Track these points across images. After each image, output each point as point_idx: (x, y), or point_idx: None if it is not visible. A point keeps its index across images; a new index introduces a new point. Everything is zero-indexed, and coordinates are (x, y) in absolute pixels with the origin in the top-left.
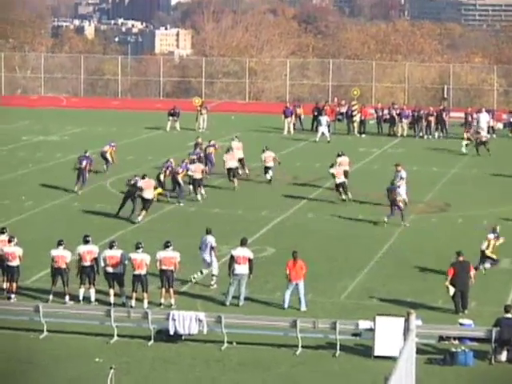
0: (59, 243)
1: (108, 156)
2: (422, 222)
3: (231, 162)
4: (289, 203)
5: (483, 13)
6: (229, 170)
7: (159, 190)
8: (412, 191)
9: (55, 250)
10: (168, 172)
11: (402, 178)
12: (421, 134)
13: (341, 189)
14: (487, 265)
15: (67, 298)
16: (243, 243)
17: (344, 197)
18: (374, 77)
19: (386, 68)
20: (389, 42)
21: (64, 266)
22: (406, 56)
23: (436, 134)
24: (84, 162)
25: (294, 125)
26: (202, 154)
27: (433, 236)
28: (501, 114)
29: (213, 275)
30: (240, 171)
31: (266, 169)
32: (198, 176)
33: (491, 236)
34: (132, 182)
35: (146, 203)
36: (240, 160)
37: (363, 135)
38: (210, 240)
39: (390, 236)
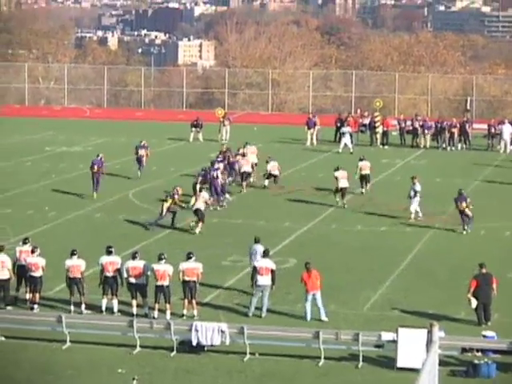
0: (73, 253)
1: (144, 160)
2: (445, 234)
3: (246, 166)
4: (312, 214)
5: (506, 24)
6: (242, 173)
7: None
8: (435, 203)
9: (69, 260)
10: (201, 179)
11: (415, 190)
12: (444, 146)
13: (340, 193)
14: None
15: (83, 307)
16: (266, 254)
17: (340, 202)
18: (397, 88)
19: (408, 79)
20: (412, 54)
21: (79, 276)
22: (429, 67)
23: (459, 146)
24: (96, 166)
25: (316, 136)
26: (226, 162)
27: (455, 248)
28: None
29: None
30: (251, 178)
31: (270, 176)
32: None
33: None
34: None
35: (198, 214)
36: (254, 165)
37: (386, 146)
38: (260, 249)
39: (412, 247)
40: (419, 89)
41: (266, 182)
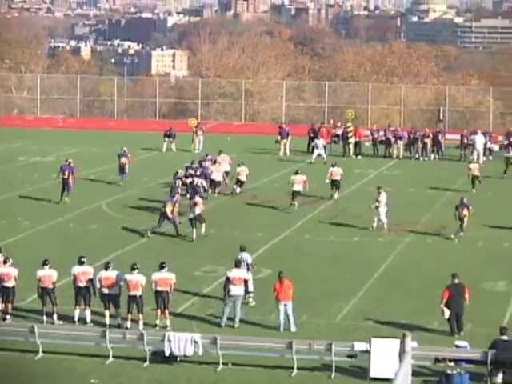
0: (44, 263)
1: (127, 168)
2: (418, 244)
3: (216, 174)
4: (285, 224)
5: (479, 35)
6: (211, 181)
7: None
8: (408, 213)
9: (41, 271)
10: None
11: (378, 200)
12: (417, 156)
13: (293, 197)
14: None
15: (55, 317)
16: (237, 265)
17: (291, 205)
18: (370, 99)
19: (381, 90)
20: (385, 64)
21: (51, 286)
22: (402, 78)
23: (432, 156)
24: (66, 172)
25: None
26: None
27: (428, 258)
28: (497, 136)
29: (249, 292)
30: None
31: (238, 182)
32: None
33: None
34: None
35: (199, 219)
36: (226, 173)
37: (359, 157)
38: (246, 257)
39: (385, 258)
40: (392, 99)
41: (238, 190)
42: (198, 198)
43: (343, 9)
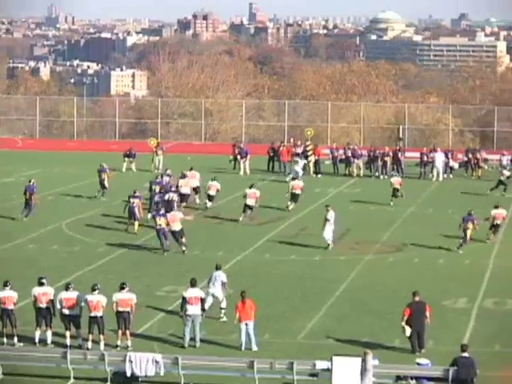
0: (5, 284)
1: (106, 183)
2: (379, 262)
3: (184, 188)
4: (246, 243)
5: (438, 53)
6: (182, 195)
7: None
8: (369, 231)
9: (1, 292)
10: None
11: (326, 219)
12: (377, 174)
13: (244, 210)
14: None
15: (16, 339)
16: (193, 284)
17: (241, 218)
18: (330, 117)
19: (341, 108)
20: (344, 83)
21: (12, 307)
22: (362, 96)
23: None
24: (28, 193)
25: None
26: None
27: (389, 276)
28: (456, 153)
29: (222, 308)
30: (197, 200)
31: (209, 196)
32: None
33: None
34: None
35: (177, 234)
36: (194, 188)
37: (319, 175)
38: (221, 275)
39: (346, 276)
40: (352, 117)
41: (209, 204)
42: (177, 213)
43: (302, 28)
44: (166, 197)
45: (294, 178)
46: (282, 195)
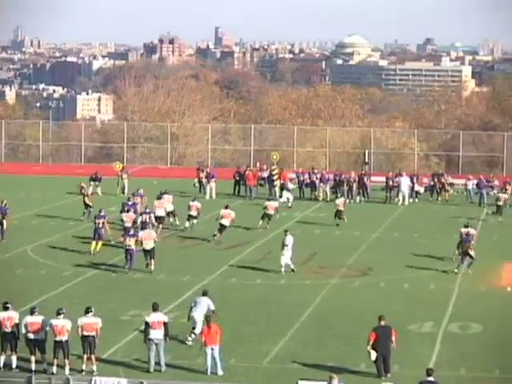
0: None
1: (88, 200)
2: (345, 286)
3: (159, 210)
4: (212, 267)
5: (403, 77)
6: (156, 217)
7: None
8: (334, 255)
9: None
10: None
11: (285, 244)
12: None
13: (220, 230)
14: None
15: None
16: (155, 308)
17: (214, 235)
18: (296, 141)
19: (307, 133)
20: (310, 107)
21: None
22: (328, 121)
23: (358, 199)
24: (0, 214)
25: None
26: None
27: (355, 300)
28: (422, 177)
29: (193, 333)
30: (177, 221)
31: (190, 217)
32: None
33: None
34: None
35: (148, 253)
36: (170, 212)
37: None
38: (208, 301)
39: (312, 300)
40: (318, 142)
41: (187, 224)
42: (151, 231)
43: (268, 52)
44: (141, 218)
45: (269, 200)
46: (249, 219)
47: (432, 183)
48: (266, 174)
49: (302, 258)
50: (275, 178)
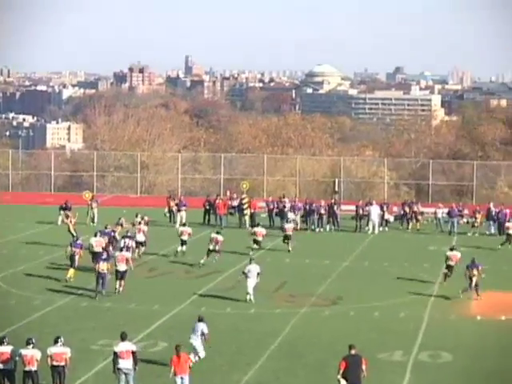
0: None
1: (72, 229)
2: (315, 315)
3: (138, 235)
4: (181, 297)
5: (373, 106)
6: (136, 242)
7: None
8: (304, 284)
9: None
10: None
11: (247, 271)
12: (313, 227)
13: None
14: None
15: None
16: (123, 338)
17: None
18: (266, 170)
19: (277, 161)
20: (280, 136)
21: None
22: (298, 149)
23: (328, 227)
24: None
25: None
26: (112, 235)
27: (325, 329)
28: (392, 206)
29: (199, 357)
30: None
31: (183, 242)
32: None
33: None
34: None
35: (120, 274)
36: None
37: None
38: (203, 327)
39: (282, 329)
40: (288, 171)
41: (179, 249)
42: (126, 253)
43: (238, 81)
44: (122, 243)
45: (258, 224)
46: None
47: (402, 212)
48: (236, 203)
49: (272, 287)
50: (245, 206)
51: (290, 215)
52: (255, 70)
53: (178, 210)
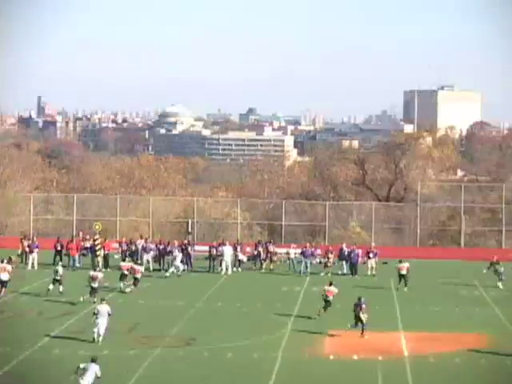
0: None
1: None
2: (169, 356)
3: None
4: (33, 339)
5: (227, 147)
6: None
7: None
8: (158, 325)
9: None
10: None
11: (98, 310)
12: (166, 268)
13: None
14: None
15: None
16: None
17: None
18: (119, 211)
19: (130, 202)
20: (133, 177)
21: None
22: (151, 190)
23: (181, 268)
24: None
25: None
26: None
27: (178, 370)
28: (245, 246)
29: None
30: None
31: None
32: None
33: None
34: None
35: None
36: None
37: (108, 269)
38: (96, 368)
39: (135, 371)
40: (141, 211)
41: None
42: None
43: (91, 121)
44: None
45: (94, 270)
46: (73, 289)
47: (256, 252)
48: (89, 244)
49: (124, 328)
50: (98, 247)
51: (146, 256)
52: (108, 110)
53: (31, 252)
